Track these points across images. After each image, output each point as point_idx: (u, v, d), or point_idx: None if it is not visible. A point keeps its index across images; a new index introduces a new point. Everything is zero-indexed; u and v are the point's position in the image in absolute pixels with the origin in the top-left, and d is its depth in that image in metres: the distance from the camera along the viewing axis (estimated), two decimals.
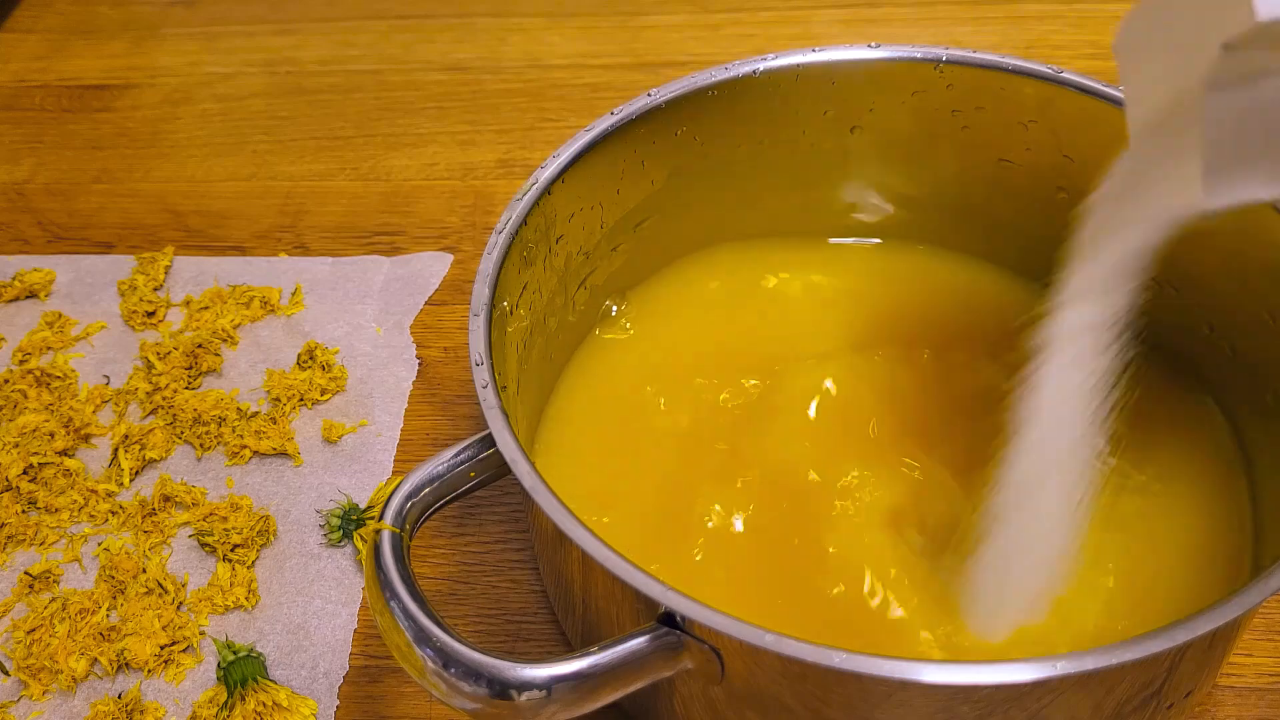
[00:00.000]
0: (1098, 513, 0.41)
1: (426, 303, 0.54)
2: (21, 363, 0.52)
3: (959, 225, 0.49)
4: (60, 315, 0.54)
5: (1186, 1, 0.29)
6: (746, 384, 0.45)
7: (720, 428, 0.44)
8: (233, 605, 0.44)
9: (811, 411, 0.44)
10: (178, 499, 0.47)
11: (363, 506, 0.46)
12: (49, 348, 0.53)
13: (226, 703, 0.41)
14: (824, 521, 0.40)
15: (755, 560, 0.40)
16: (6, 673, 0.42)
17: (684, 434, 0.44)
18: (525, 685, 0.31)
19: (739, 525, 0.41)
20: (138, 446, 0.48)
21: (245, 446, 0.48)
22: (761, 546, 0.40)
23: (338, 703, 0.41)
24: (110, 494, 0.47)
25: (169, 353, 0.52)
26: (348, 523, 0.46)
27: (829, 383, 0.45)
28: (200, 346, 0.52)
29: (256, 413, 0.50)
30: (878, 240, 0.51)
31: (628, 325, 0.48)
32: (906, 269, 0.49)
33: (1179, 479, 0.42)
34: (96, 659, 0.42)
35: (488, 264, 0.39)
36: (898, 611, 0.37)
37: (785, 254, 0.50)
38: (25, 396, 0.50)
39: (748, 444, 0.43)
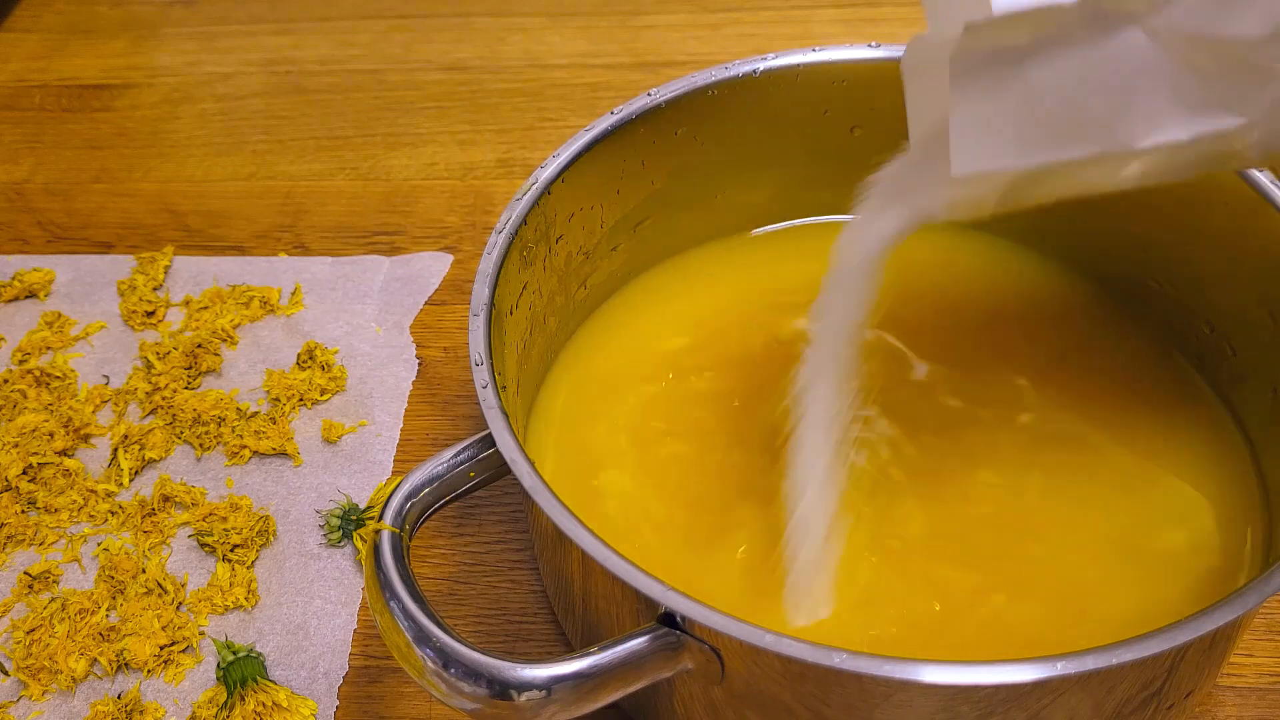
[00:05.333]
0: (1101, 510, 0.41)
1: (426, 303, 0.54)
2: (21, 363, 0.52)
3: (958, 223, 0.50)
4: (60, 315, 0.54)
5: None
6: (747, 371, 0.45)
7: (721, 416, 0.44)
8: (232, 605, 0.44)
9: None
10: (177, 499, 0.47)
11: (362, 506, 0.46)
12: (48, 348, 0.53)
13: (226, 703, 0.41)
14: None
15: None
16: (6, 673, 0.42)
17: (687, 422, 0.44)
18: (525, 685, 0.31)
19: (740, 518, 0.41)
20: (137, 446, 0.48)
21: (245, 446, 0.48)
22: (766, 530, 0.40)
23: (337, 703, 0.41)
24: (110, 494, 0.47)
25: (169, 353, 0.52)
26: (347, 523, 0.46)
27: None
28: (200, 346, 0.52)
29: (256, 413, 0.50)
30: None
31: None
32: (906, 264, 0.49)
33: (1186, 472, 0.42)
34: (96, 659, 0.42)
35: (488, 264, 0.39)
36: None
37: (781, 245, 0.50)
38: (25, 396, 0.50)
39: (748, 434, 0.43)
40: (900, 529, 0.40)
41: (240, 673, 0.41)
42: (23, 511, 0.47)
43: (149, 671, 0.42)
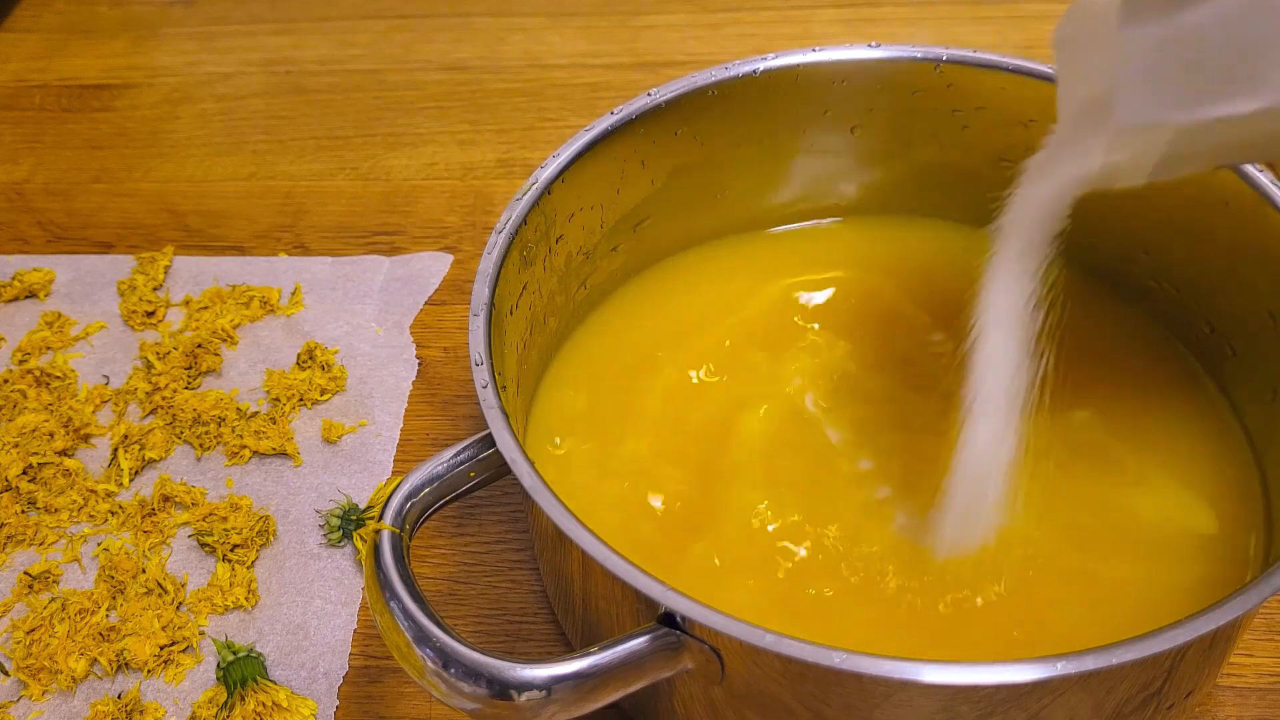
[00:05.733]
0: (1100, 510, 0.41)
1: (426, 303, 0.54)
2: (21, 363, 0.52)
3: (958, 221, 0.50)
4: (60, 315, 0.54)
5: None
6: (749, 371, 0.45)
7: (712, 411, 0.44)
8: (232, 605, 0.44)
9: (812, 394, 0.44)
10: (177, 499, 0.47)
11: (362, 506, 0.46)
12: (48, 348, 0.53)
13: (226, 703, 0.41)
14: (827, 507, 0.41)
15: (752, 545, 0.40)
16: (6, 673, 0.42)
17: (676, 420, 0.44)
18: (525, 685, 0.31)
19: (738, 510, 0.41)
20: (137, 446, 0.48)
21: (245, 446, 0.48)
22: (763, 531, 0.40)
23: (337, 703, 0.41)
24: (110, 494, 0.47)
25: (169, 353, 0.52)
26: (347, 523, 0.46)
27: (824, 365, 0.45)
28: (200, 346, 0.52)
29: (256, 413, 0.50)
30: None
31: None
32: (905, 260, 0.49)
33: (1188, 472, 0.42)
34: (96, 659, 0.42)
35: (487, 264, 0.39)
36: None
37: (783, 246, 0.50)
38: (25, 396, 0.50)
39: (741, 427, 0.43)
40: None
41: (240, 673, 0.41)
42: (23, 511, 0.47)
43: (149, 671, 0.42)
